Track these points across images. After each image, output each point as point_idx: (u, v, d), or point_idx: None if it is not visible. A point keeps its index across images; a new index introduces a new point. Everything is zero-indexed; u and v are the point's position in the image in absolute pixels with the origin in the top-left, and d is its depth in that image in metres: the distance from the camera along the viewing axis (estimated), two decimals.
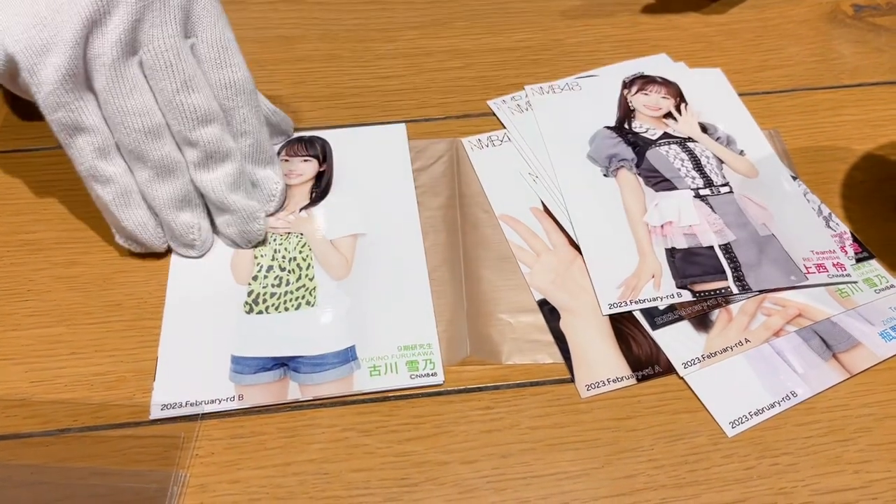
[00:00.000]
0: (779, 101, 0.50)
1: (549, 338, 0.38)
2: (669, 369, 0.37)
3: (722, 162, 0.45)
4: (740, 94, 0.50)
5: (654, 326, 0.38)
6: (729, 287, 0.39)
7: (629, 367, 0.37)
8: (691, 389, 0.36)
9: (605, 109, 0.49)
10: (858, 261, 0.40)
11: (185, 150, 0.40)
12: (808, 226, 0.42)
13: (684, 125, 0.47)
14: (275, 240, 0.42)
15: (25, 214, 0.44)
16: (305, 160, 0.46)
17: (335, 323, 0.38)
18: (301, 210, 0.43)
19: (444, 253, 0.41)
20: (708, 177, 0.44)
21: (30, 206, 0.44)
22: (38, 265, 0.41)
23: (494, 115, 0.49)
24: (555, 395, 0.36)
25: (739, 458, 0.34)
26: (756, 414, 0.35)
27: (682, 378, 0.36)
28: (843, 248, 0.41)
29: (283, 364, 0.37)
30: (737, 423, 0.35)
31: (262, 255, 0.41)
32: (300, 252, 0.41)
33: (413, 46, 0.54)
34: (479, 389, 0.36)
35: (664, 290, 0.39)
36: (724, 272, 0.40)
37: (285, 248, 0.42)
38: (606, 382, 0.36)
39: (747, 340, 0.37)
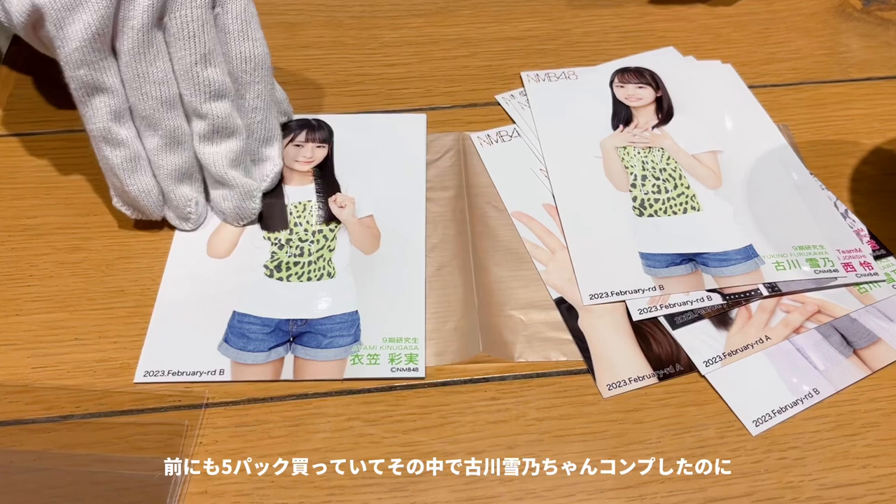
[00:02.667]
0: (786, 94, 0.50)
1: (563, 335, 0.37)
2: (690, 367, 0.36)
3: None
4: (748, 87, 0.49)
5: (675, 325, 0.37)
6: (759, 289, 0.39)
7: (650, 366, 0.36)
8: (714, 388, 0.36)
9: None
10: (876, 258, 0.40)
11: (193, 121, 0.40)
12: (830, 223, 0.42)
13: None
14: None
15: (27, 199, 0.43)
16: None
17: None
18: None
19: (454, 249, 0.41)
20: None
21: (32, 191, 0.44)
22: (41, 250, 0.41)
23: (501, 106, 0.48)
24: (562, 386, 0.36)
25: (747, 452, 0.34)
26: (779, 412, 0.35)
27: (703, 376, 0.36)
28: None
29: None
30: (760, 421, 0.34)
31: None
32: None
33: (419, 34, 0.53)
34: (486, 380, 0.36)
35: (693, 294, 0.39)
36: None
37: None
38: (628, 382, 0.36)
39: (767, 338, 0.37)
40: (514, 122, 0.48)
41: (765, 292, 0.39)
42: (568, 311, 0.38)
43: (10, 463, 0.33)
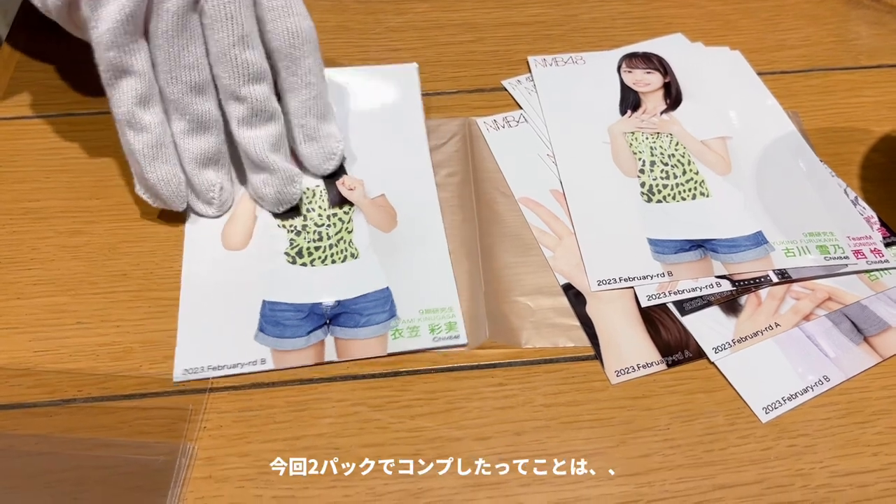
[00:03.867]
0: (796, 81, 0.49)
1: (570, 321, 0.37)
2: (699, 354, 0.36)
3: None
4: (757, 74, 0.49)
5: (683, 312, 0.37)
6: (768, 275, 0.38)
7: (658, 352, 0.36)
8: (723, 375, 0.35)
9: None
10: (887, 245, 0.40)
11: (230, 105, 0.39)
12: (841, 210, 0.41)
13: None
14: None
15: (29, 182, 0.43)
16: None
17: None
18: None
19: (461, 234, 0.41)
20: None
21: (33, 174, 0.43)
22: (43, 234, 0.40)
23: (507, 92, 0.48)
24: (569, 372, 0.36)
25: (756, 439, 0.33)
26: (790, 399, 0.34)
27: (712, 363, 0.36)
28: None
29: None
30: (770, 408, 0.34)
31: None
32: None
33: (424, 19, 0.53)
34: (493, 366, 0.36)
35: (702, 280, 0.38)
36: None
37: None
38: (636, 368, 0.35)
39: (777, 325, 0.37)
40: (520, 108, 0.47)
41: (775, 279, 0.38)
42: (576, 297, 0.38)
43: (11, 447, 0.33)
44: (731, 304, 0.37)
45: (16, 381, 0.35)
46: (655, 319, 0.37)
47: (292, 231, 0.40)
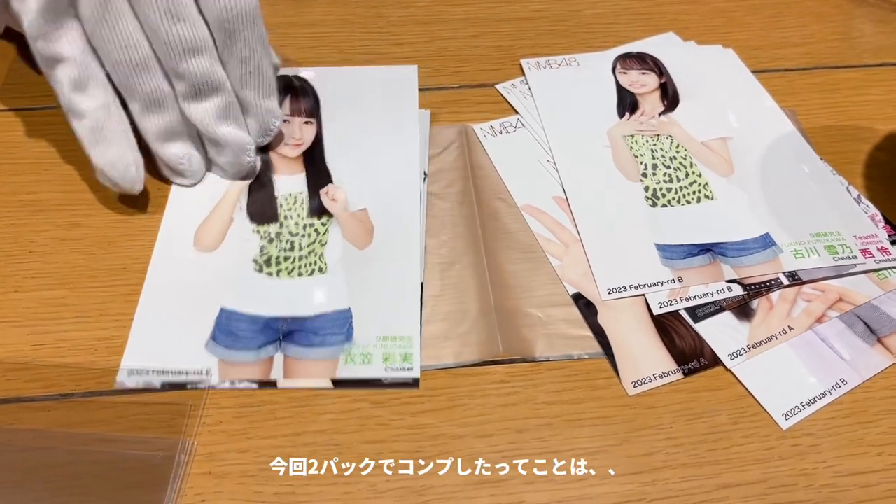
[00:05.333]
0: (800, 78, 0.49)
1: (583, 332, 0.36)
2: (715, 361, 0.35)
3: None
4: (760, 71, 0.49)
5: (696, 318, 0.37)
6: (779, 278, 0.38)
7: (674, 361, 0.35)
8: (741, 382, 0.35)
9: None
10: (892, 243, 0.39)
11: (173, 80, 0.38)
12: (844, 208, 0.41)
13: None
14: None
15: (26, 175, 0.42)
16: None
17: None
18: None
19: (464, 246, 0.40)
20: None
21: (31, 167, 0.43)
22: (40, 226, 0.40)
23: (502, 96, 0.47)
24: (572, 370, 0.35)
25: (760, 439, 0.33)
26: (808, 404, 0.34)
27: (729, 370, 0.35)
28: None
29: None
30: (789, 414, 0.34)
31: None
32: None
33: (427, 14, 0.52)
34: (495, 363, 0.36)
35: (713, 285, 0.38)
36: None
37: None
38: (653, 378, 0.35)
39: (791, 328, 0.36)
40: (517, 112, 0.46)
41: (785, 281, 0.38)
42: (586, 306, 0.37)
43: (8, 441, 0.32)
44: (743, 309, 0.37)
45: (13, 375, 0.34)
46: (668, 327, 0.36)
47: (265, 238, 0.39)
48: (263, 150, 0.43)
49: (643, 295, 0.37)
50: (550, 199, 0.42)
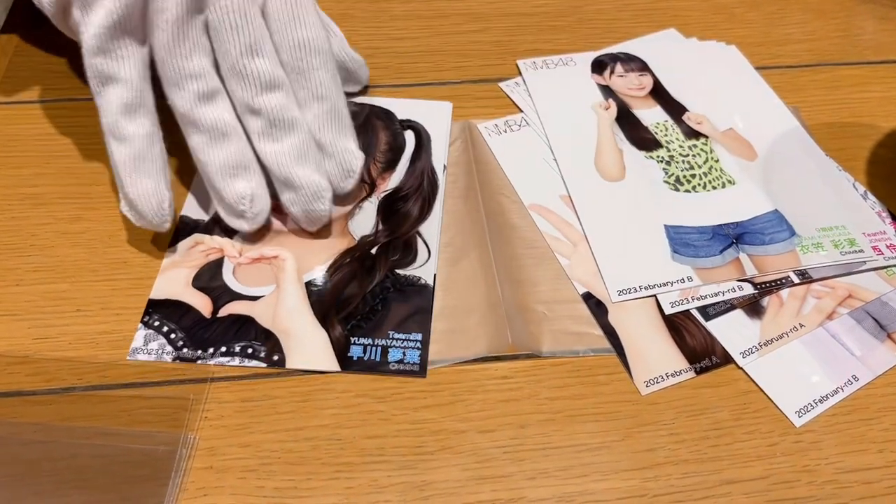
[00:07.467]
0: (802, 75, 0.49)
1: (590, 330, 0.36)
2: (726, 360, 0.35)
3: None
4: (762, 68, 0.48)
5: (707, 317, 0.36)
6: (789, 276, 0.38)
7: (686, 359, 0.35)
8: (753, 380, 0.35)
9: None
10: None
11: (247, 119, 0.37)
12: (852, 205, 0.41)
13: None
14: None
15: (28, 168, 0.42)
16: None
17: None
18: None
19: (471, 243, 0.39)
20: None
21: (32, 160, 0.43)
22: (42, 220, 0.40)
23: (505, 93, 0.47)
24: (574, 365, 0.35)
25: (762, 435, 0.33)
26: (821, 401, 0.34)
27: (741, 368, 0.35)
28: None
29: None
30: (803, 412, 0.34)
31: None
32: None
33: (428, 8, 0.52)
34: (497, 358, 0.35)
35: (724, 284, 0.37)
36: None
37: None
38: (665, 377, 0.35)
39: (801, 325, 0.36)
40: (521, 111, 0.46)
41: (795, 279, 0.38)
42: (597, 305, 0.37)
43: (10, 435, 0.32)
44: (754, 307, 0.37)
45: (15, 369, 0.34)
46: (679, 325, 0.36)
47: (661, 161, 0.42)
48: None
49: (654, 295, 0.37)
50: (557, 197, 0.41)
